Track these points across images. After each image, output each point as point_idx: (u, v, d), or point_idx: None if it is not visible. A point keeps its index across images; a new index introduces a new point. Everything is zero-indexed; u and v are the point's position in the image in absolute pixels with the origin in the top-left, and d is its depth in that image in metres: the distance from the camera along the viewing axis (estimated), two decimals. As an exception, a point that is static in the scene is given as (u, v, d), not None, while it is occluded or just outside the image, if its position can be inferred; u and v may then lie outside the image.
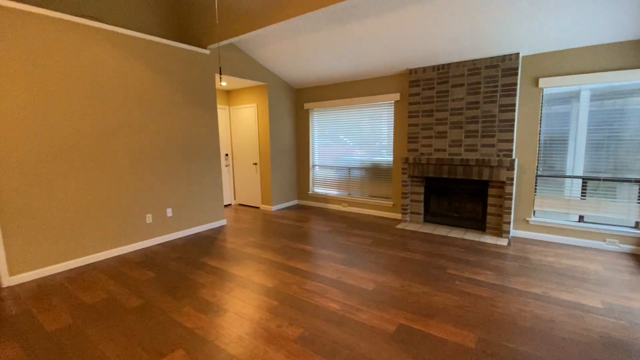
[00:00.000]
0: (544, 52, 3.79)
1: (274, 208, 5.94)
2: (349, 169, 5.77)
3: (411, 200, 4.94)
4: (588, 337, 2.10)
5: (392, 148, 5.17)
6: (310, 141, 6.18)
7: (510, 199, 4.02)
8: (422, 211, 4.88)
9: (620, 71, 3.40)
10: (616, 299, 2.56)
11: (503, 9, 3.20)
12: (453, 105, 4.37)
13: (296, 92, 6.23)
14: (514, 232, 4.21)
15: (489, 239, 4.07)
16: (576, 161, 3.82)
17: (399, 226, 4.73)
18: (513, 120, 3.96)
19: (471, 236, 4.21)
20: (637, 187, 3.51)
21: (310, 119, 6.11)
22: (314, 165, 6.27)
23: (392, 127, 5.11)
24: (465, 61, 4.21)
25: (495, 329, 2.20)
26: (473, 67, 4.16)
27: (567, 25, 3.29)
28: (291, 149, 6.26)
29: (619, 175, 3.59)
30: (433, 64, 4.44)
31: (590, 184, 3.76)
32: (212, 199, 4.73)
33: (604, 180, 3.67)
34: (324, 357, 1.93)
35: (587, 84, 3.60)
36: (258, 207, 6.16)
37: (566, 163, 3.88)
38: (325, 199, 6.08)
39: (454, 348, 2.01)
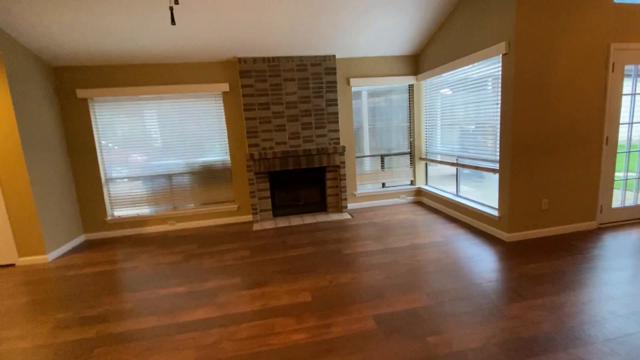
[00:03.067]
0: (353, 57, 4.68)
1: (51, 256, 3.70)
2: (169, 176, 4.57)
3: (259, 198, 4.68)
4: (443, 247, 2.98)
5: (227, 145, 4.60)
6: (97, 146, 4.29)
7: (344, 179, 4.77)
8: (270, 207, 4.75)
9: (390, 77, 4.82)
10: (438, 235, 3.76)
11: (320, 12, 3.60)
12: (287, 98, 4.49)
13: (57, 72, 4.05)
14: (348, 206, 5.05)
15: (336, 216, 4.65)
16: (370, 143, 5.11)
17: (256, 228, 4.38)
18: (337, 113, 4.65)
19: (322, 218, 4.63)
20: (408, 157, 5.21)
21: (91, 114, 4.20)
22: (108, 180, 4.43)
23: (224, 122, 4.53)
24: (293, 56, 4.40)
25: (440, 278, 2.62)
26: (301, 63, 4.44)
27: (367, 39, 4.24)
28: (62, 159, 4.08)
29: (395, 151, 5.17)
30: (263, 55, 4.31)
31: (385, 159, 5.16)
32: None
33: (389, 155, 5.16)
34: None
35: (377, 85, 4.84)
36: (13, 265, 3.60)
37: (365, 144, 5.09)
38: (137, 222, 4.50)
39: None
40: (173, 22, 2.18)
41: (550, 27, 3.02)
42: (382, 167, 5.17)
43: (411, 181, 5.29)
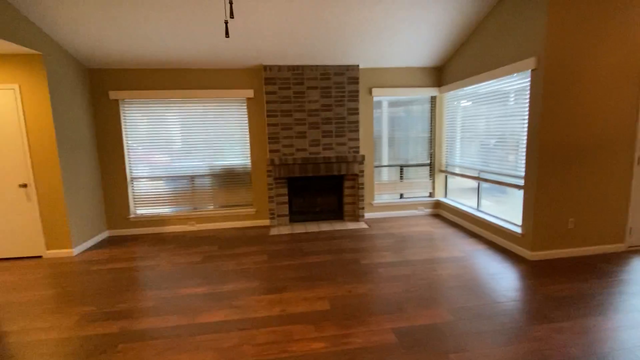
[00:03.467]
0: (376, 67, 4.72)
1: (76, 250, 3.83)
2: (191, 177, 4.68)
3: (277, 203, 4.73)
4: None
5: (248, 150, 4.68)
6: (125, 146, 4.45)
7: (363, 188, 4.77)
8: (287, 212, 4.79)
9: (412, 88, 4.81)
10: (458, 249, 3.70)
11: (345, 22, 3.64)
12: (309, 106, 4.55)
13: (92, 74, 4.24)
14: (365, 215, 5.03)
15: (352, 225, 4.64)
16: (389, 153, 5.09)
17: (273, 232, 4.42)
18: (358, 122, 4.67)
19: (339, 226, 4.63)
20: (427, 169, 5.17)
21: (121, 115, 4.37)
22: (133, 179, 4.57)
23: (247, 127, 4.63)
24: (317, 65, 4.47)
25: (460, 294, 2.58)
26: (324, 72, 4.51)
27: (391, 50, 4.26)
28: (91, 157, 4.25)
29: (413, 162, 5.13)
30: (288, 63, 4.39)
31: (404, 169, 5.13)
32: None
33: (408, 166, 5.13)
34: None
35: (399, 96, 4.85)
36: (40, 257, 3.75)
37: (383, 154, 5.08)
38: (158, 221, 4.61)
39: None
40: (227, 34, 2.27)
41: (582, 43, 2.97)
42: (401, 177, 5.14)
43: (430, 193, 5.23)
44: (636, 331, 2.06)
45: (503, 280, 2.83)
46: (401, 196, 5.20)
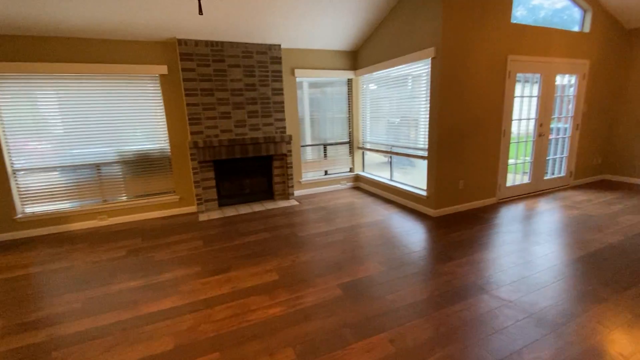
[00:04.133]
0: (298, 48, 4.81)
1: (-56, 265, 3.03)
2: (97, 166, 4.10)
3: (203, 188, 4.53)
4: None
5: (166, 133, 4.31)
6: (0, 132, 3.60)
7: (291, 167, 4.94)
8: (216, 197, 4.65)
9: (331, 70, 5.11)
10: (380, 214, 4.24)
11: (266, 0, 3.68)
12: (233, 85, 4.41)
13: None
14: (295, 193, 5.23)
15: (284, 203, 4.81)
16: (312, 133, 5.36)
17: (203, 218, 4.26)
18: (283, 102, 4.75)
19: (270, 205, 4.74)
20: (347, 147, 5.63)
21: (-11, 92, 3.49)
22: (16, 171, 3.76)
23: (163, 108, 4.23)
24: (238, 42, 4.33)
25: (385, 249, 3.00)
26: (246, 50, 4.40)
27: (312, 31, 4.43)
28: (-51, 147, 3.32)
29: (334, 141, 5.53)
30: (206, 38, 4.14)
31: (327, 148, 5.48)
32: None
33: (330, 144, 5.50)
34: None
35: (320, 77, 5.08)
36: None
37: (307, 134, 5.33)
38: (58, 218, 3.94)
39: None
40: (200, 12, 2.06)
41: (466, 39, 3.65)
42: (325, 155, 5.48)
43: (350, 168, 5.73)
44: (509, 257, 2.82)
45: (415, 234, 3.43)
46: (326, 173, 5.57)
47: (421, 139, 4.11)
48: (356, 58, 5.25)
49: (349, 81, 5.40)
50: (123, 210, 4.23)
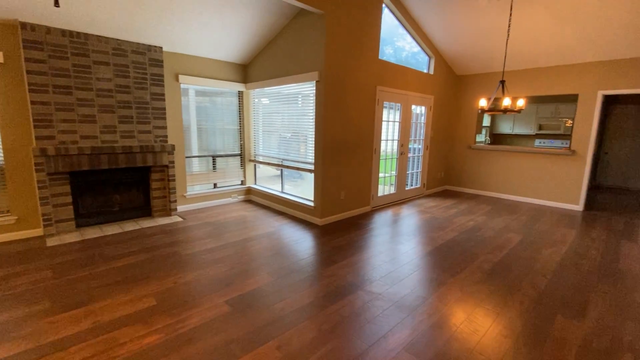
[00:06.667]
0: (183, 54, 4.50)
1: None
2: None
3: (54, 205, 3.68)
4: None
5: (-3, 135, 3.35)
6: None
7: (174, 180, 4.52)
8: (72, 216, 3.83)
9: (220, 81, 5.01)
10: (271, 226, 4.31)
11: None
12: (100, 85, 3.80)
13: None
14: (178, 208, 4.78)
15: (164, 220, 4.34)
16: (199, 143, 5.10)
17: (52, 243, 3.45)
18: (164, 108, 4.35)
19: (148, 223, 4.20)
20: (239, 159, 5.53)
21: None
22: None
23: (-8, 103, 3.29)
24: (108, 38, 3.78)
25: (275, 260, 3.02)
26: (119, 48, 3.88)
27: (199, 38, 4.27)
28: None
29: (224, 152, 5.38)
30: (63, 27, 3.47)
31: (216, 160, 5.26)
32: None
33: (219, 156, 5.32)
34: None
35: (208, 86, 4.88)
36: None
37: (193, 144, 5.03)
38: None
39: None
40: (57, 4, 1.63)
41: (345, 67, 4.17)
42: (214, 167, 5.24)
43: (242, 181, 5.63)
44: (380, 256, 3.27)
45: (304, 243, 3.62)
46: (215, 186, 5.31)
47: (310, 153, 4.42)
48: (247, 72, 5.28)
49: (240, 93, 5.37)
50: None
